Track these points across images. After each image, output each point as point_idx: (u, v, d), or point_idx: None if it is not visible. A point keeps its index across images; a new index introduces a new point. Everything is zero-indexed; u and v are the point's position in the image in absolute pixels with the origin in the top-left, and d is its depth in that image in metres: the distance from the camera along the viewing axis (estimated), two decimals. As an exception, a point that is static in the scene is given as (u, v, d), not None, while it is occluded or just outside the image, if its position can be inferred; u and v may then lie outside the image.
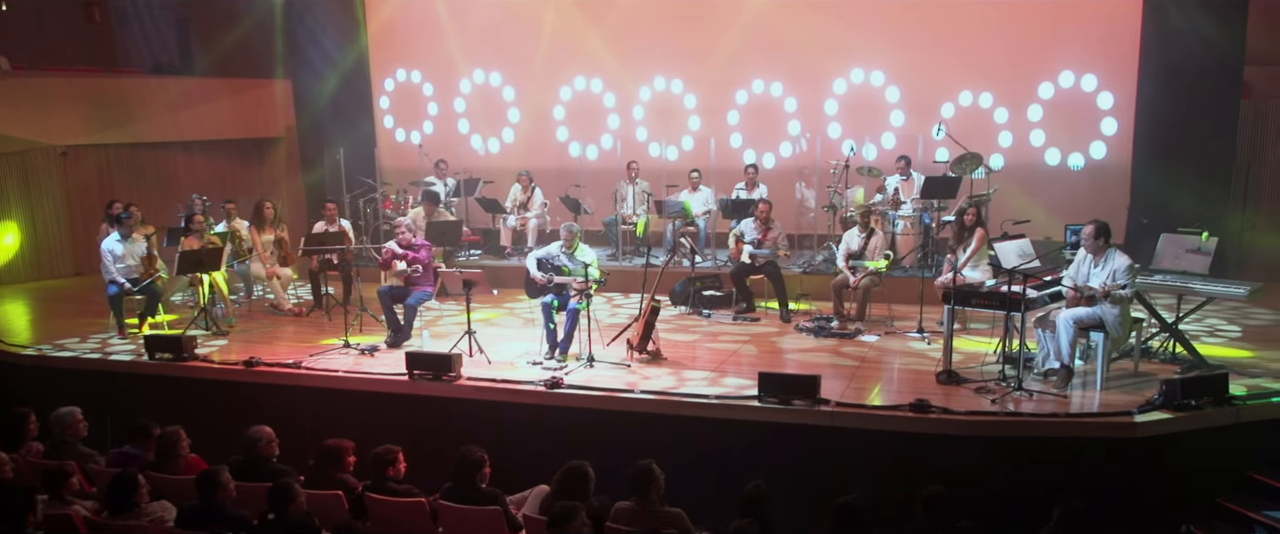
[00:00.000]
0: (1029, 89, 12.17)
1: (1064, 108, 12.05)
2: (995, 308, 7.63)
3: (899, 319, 9.75)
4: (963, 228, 9.34)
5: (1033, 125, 12.30)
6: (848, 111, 12.91)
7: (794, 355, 8.70)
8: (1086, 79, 11.99)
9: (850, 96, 12.88)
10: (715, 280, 10.84)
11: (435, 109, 14.88)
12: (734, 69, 13.16)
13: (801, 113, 13.12)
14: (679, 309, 10.65)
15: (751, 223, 10.51)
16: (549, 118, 14.18)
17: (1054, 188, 12.02)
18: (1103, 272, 7.42)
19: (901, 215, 11.32)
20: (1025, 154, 12.31)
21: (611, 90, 13.90)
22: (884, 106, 12.76)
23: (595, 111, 13.88)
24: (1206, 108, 11.25)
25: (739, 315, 10.20)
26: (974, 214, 9.32)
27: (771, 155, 13.38)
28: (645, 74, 13.63)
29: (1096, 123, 12.01)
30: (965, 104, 12.44)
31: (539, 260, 8.93)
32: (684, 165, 12.88)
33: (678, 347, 9.02)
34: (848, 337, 9.21)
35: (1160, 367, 7.88)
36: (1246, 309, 9.75)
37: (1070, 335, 7.41)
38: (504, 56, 14.23)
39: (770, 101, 13.22)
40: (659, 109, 13.64)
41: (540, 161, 13.91)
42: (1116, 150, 11.97)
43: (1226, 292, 7.73)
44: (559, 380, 7.88)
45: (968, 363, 8.00)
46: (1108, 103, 11.98)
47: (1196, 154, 11.21)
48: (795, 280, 10.90)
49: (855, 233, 9.87)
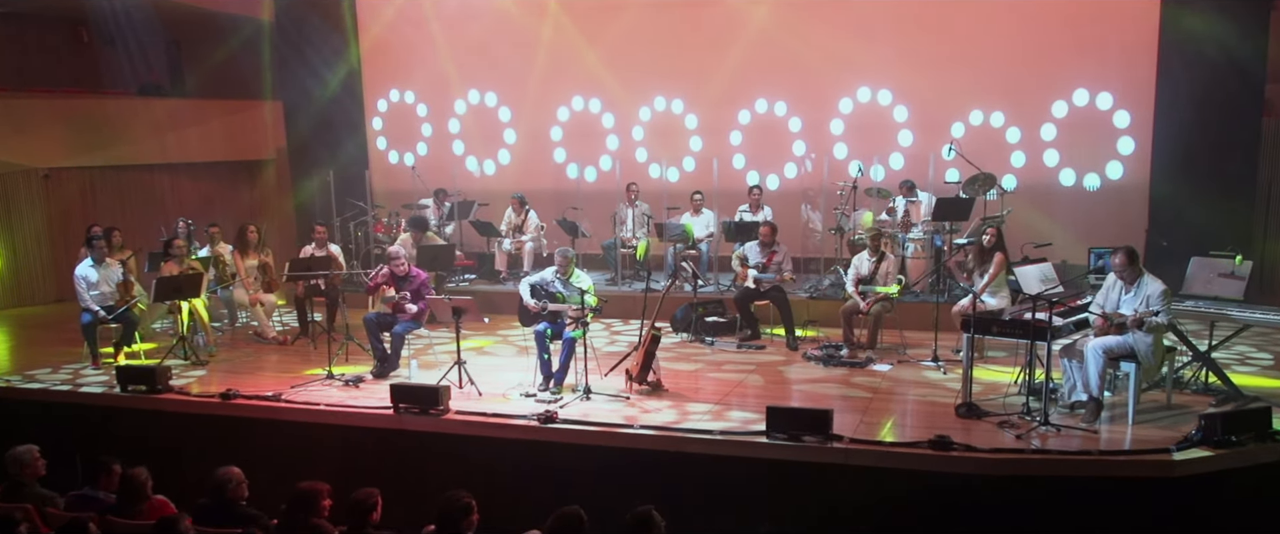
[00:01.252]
0: (1042, 107, 11.88)
1: (1079, 127, 11.76)
2: (1019, 337, 7.18)
3: (912, 347, 9.37)
4: (981, 251, 8.91)
5: (1046, 145, 12.00)
6: (854, 131, 12.62)
7: (802, 386, 8.30)
8: (1102, 97, 11.71)
9: (857, 116, 12.61)
10: (718, 306, 10.44)
11: (429, 130, 14.60)
12: (736, 88, 12.92)
13: (806, 133, 12.83)
14: (681, 336, 10.26)
15: (755, 246, 10.14)
16: (546, 138, 13.90)
17: (1070, 209, 11.67)
18: (1135, 298, 7.01)
19: (912, 238, 10.93)
20: (1039, 174, 12.01)
21: (610, 110, 13.62)
22: (892, 126, 12.48)
23: (594, 132, 13.59)
24: (1227, 126, 10.95)
25: (743, 343, 9.82)
26: (994, 235, 8.88)
27: (776, 177, 13.07)
28: (645, 93, 13.38)
29: (1113, 142, 11.72)
30: (976, 123, 12.13)
31: (532, 286, 8.49)
32: (685, 187, 12.61)
33: (679, 377, 8.63)
34: (858, 366, 8.81)
35: (1193, 398, 7.47)
36: (1275, 335, 9.40)
37: (1099, 366, 6.99)
38: (499, 76, 13.94)
39: (774, 121, 12.94)
40: (659, 129, 13.38)
41: (537, 183, 13.59)
42: (1134, 170, 11.68)
43: (1266, 319, 7.29)
44: (553, 414, 7.41)
45: (987, 395, 7.62)
46: (1124, 121, 11.69)
47: (1217, 174, 10.91)
48: (802, 306, 10.53)
49: (865, 256, 9.48)
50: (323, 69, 14.52)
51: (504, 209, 12.79)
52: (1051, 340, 6.98)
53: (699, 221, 11.97)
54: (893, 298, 9.23)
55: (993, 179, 10.80)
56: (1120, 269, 7.00)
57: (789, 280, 9.84)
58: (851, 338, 9.33)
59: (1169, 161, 11.26)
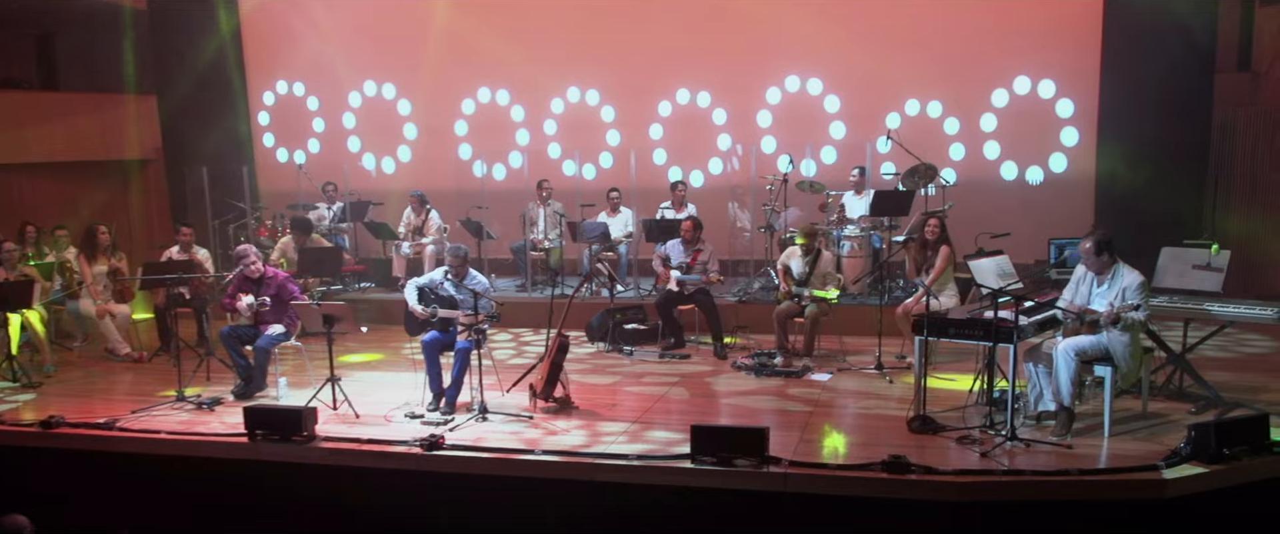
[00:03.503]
0: (981, 96, 11.38)
1: (1020, 117, 11.28)
2: (978, 339, 6.37)
3: (852, 353, 8.67)
4: (924, 245, 8.21)
5: (987, 136, 11.49)
6: (783, 123, 12.00)
7: (732, 400, 7.49)
8: (1044, 84, 11.22)
9: (785, 106, 11.99)
10: (638, 312, 9.69)
11: (321, 125, 13.51)
12: (656, 77, 12.23)
13: (732, 125, 12.19)
14: (596, 346, 9.45)
15: (677, 244, 9.31)
16: (449, 133, 12.99)
17: (1013, 205, 11.03)
18: (1110, 291, 6.25)
19: (847, 235, 10.18)
20: (979, 168, 11.46)
21: (520, 102, 12.81)
22: (823, 117, 11.89)
23: (501, 126, 12.77)
24: (1177, 115, 10.51)
25: (666, 352, 9.04)
26: (937, 227, 8.16)
27: (700, 173, 12.37)
28: (557, 84, 12.59)
29: (1056, 133, 11.24)
30: (912, 113, 11.56)
31: (420, 290, 7.38)
32: (602, 185, 11.81)
33: (593, 392, 7.78)
34: (794, 375, 8.06)
35: (1168, 405, 6.82)
36: (1238, 335, 8.88)
37: (1072, 370, 6.20)
38: (397, 66, 12.99)
39: (697, 113, 12.27)
40: (573, 122, 12.61)
41: (440, 182, 12.65)
42: (1078, 163, 11.19)
43: (1250, 314, 6.57)
44: (439, 439, 6.29)
45: (941, 406, 6.90)
46: (1067, 110, 11.20)
47: (1166, 167, 10.44)
48: (731, 311, 9.80)
49: (796, 252, 8.67)
50: (201, 60, 13.26)
51: (402, 209, 11.76)
52: (1016, 342, 6.15)
53: (617, 221, 11.29)
54: (831, 302, 8.47)
55: (934, 170, 10.11)
56: (1090, 258, 6.25)
57: (716, 281, 9.02)
58: (786, 343, 8.51)
59: (1115, 154, 10.80)
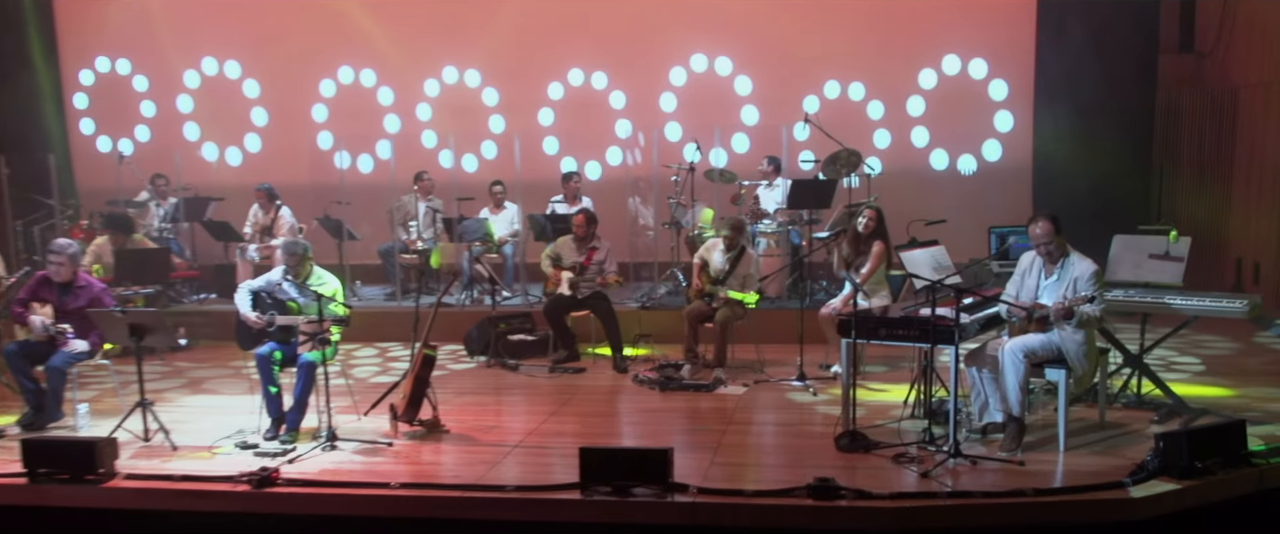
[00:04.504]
0: (907, 77, 11.45)
1: (950, 100, 11.38)
2: (913, 341, 6.07)
3: (771, 363, 8.39)
4: (857, 239, 7.90)
5: (914, 121, 11.57)
6: (689, 107, 11.90)
7: (634, 419, 7.18)
8: (975, 64, 11.35)
9: (691, 89, 11.92)
10: (524, 320, 9.34)
11: (151, 109, 12.91)
12: (545, 56, 12.04)
13: (632, 110, 12.06)
14: (475, 361, 9.03)
15: (569, 241, 8.92)
16: (306, 119, 12.55)
17: (944, 197, 10.92)
18: (1060, 283, 6.00)
19: (763, 232, 9.92)
20: (907, 157, 11.53)
21: (388, 83, 12.47)
22: (733, 100, 11.83)
23: (367, 111, 12.39)
24: (1118, 97, 10.68)
25: (557, 365, 8.69)
26: (873, 219, 7.84)
27: (597, 164, 12.23)
28: (432, 63, 12.32)
29: (989, 117, 11.38)
30: (832, 96, 11.60)
31: (254, 294, 6.66)
32: (484, 178, 11.51)
33: (468, 412, 7.30)
34: (705, 389, 7.75)
35: (1129, 414, 6.64)
36: (1194, 337, 8.85)
37: (1020, 374, 5.90)
38: (243, 40, 12.51)
39: (593, 96, 12.11)
40: (451, 107, 12.33)
41: (294, 175, 12.07)
42: (1014, 150, 11.36)
43: (1217, 308, 6.35)
44: (273, 473, 5.63)
45: (873, 419, 6.70)
46: (1001, 93, 11.35)
47: (1109, 151, 10.60)
48: (632, 318, 9.48)
49: (718, 247, 8.36)
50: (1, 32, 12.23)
51: (248, 207, 11.14)
52: (959, 343, 5.84)
53: (501, 219, 10.91)
54: (747, 305, 8.16)
55: (858, 156, 9.92)
56: (1048, 238, 5.97)
57: (614, 283, 8.64)
58: (696, 348, 8.24)
59: (1054, 140, 10.92)
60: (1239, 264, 10.58)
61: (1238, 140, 10.83)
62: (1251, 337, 8.99)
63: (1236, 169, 10.80)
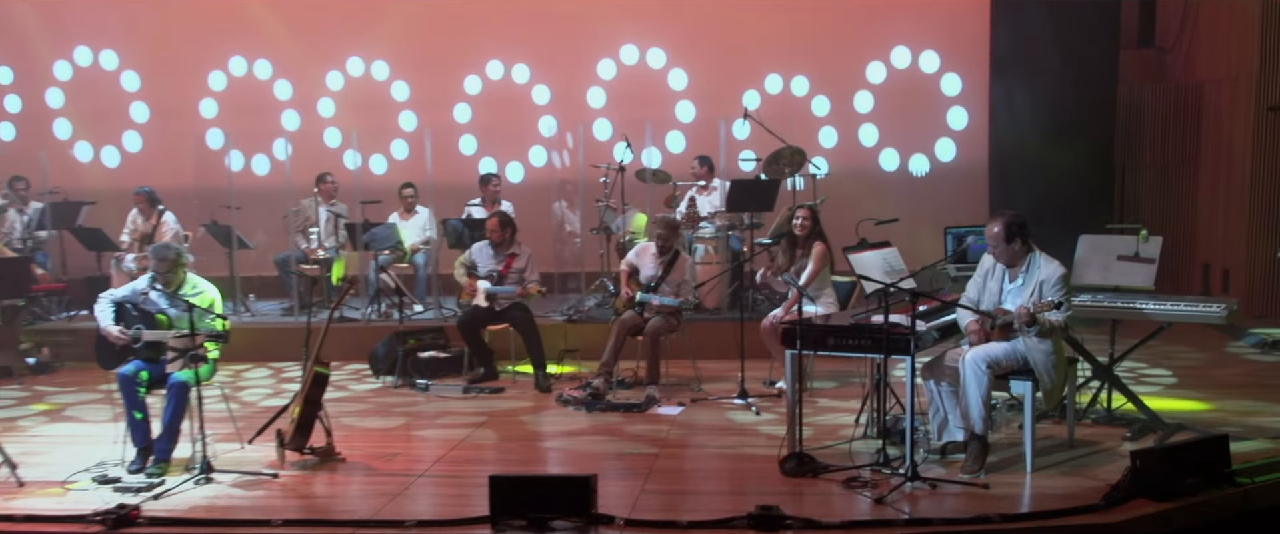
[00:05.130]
0: (854, 71, 11.55)
1: (900, 95, 11.48)
2: (865, 351, 5.97)
3: (709, 379, 8.32)
4: (793, 242, 7.89)
5: (862, 118, 11.67)
6: (620, 103, 11.86)
7: (556, 443, 7.02)
8: (926, 57, 11.46)
9: (622, 83, 11.92)
10: (436, 336, 9.12)
11: (16, 104, 12.62)
12: (461, 46, 11.95)
13: (558, 106, 12.01)
14: (381, 381, 8.80)
15: (485, 247, 8.72)
16: (193, 115, 12.33)
17: (894, 199, 10.74)
18: (1025, 288, 5.86)
19: (701, 237, 9.80)
20: (855, 156, 11.61)
21: (286, 76, 12.32)
22: (668, 95, 11.84)
23: (262, 106, 12.23)
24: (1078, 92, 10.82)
25: (472, 385, 8.51)
26: (808, 219, 7.83)
27: (519, 165, 12.20)
28: (335, 53, 12.16)
29: (942, 114, 11.49)
30: (774, 91, 11.67)
31: (117, 305, 6.26)
32: (393, 180, 11.32)
33: (368, 439, 7.06)
34: (636, 409, 7.61)
35: (1098, 430, 6.59)
36: (1163, 347, 8.82)
37: (983, 387, 5.74)
38: (120, 28, 12.25)
39: (514, 91, 12.06)
40: (356, 102, 12.18)
41: (179, 177, 11.71)
42: (969, 149, 11.47)
43: (1194, 313, 6.29)
44: (133, 511, 5.27)
45: (822, 439, 6.56)
46: (954, 87, 11.47)
47: (1069, 148, 10.63)
48: (557, 332, 9.37)
49: (649, 250, 8.26)
50: None
51: (126, 212, 10.82)
52: (915, 354, 5.73)
53: (412, 225, 10.68)
54: (681, 314, 8.11)
55: (802, 155, 9.88)
56: (1000, 245, 5.85)
57: (536, 294, 8.46)
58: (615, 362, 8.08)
59: (1010, 138, 10.97)
60: (1207, 270, 10.70)
61: (1203, 138, 10.99)
62: (1224, 347, 9.05)
63: (1202, 168, 10.95)
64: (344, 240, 10.51)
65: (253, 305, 10.67)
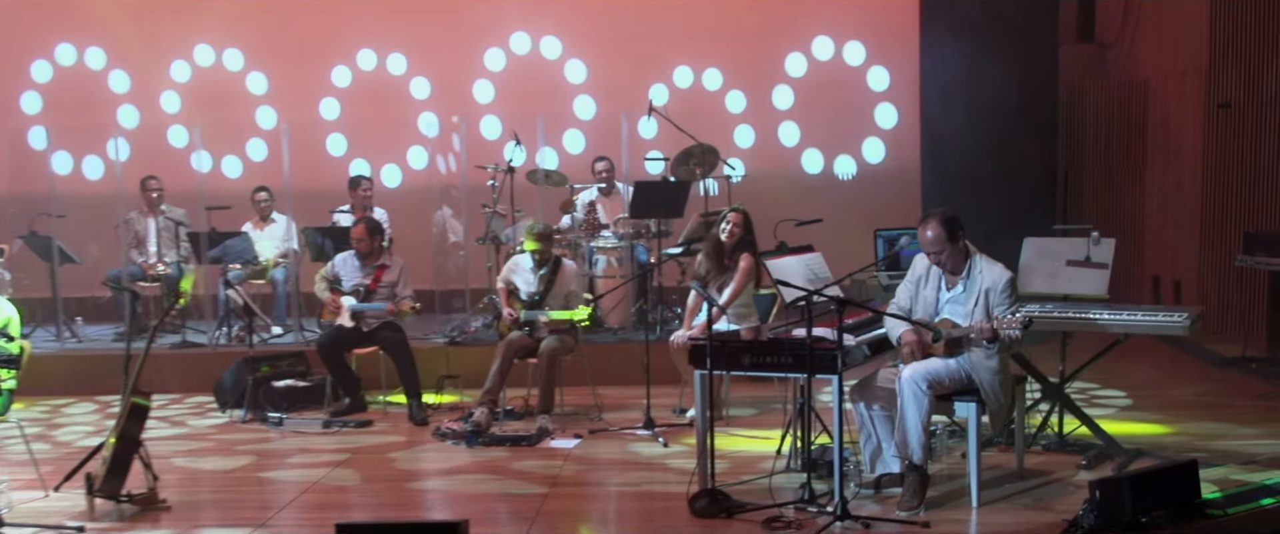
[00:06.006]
0: (772, 63, 11.57)
1: (823, 90, 11.50)
2: (786, 370, 5.82)
3: (611, 409, 8.25)
4: (719, 250, 7.61)
5: (782, 115, 11.66)
6: (510, 97, 11.74)
7: (430, 484, 6.89)
8: (851, 48, 11.50)
9: (510, 75, 11.86)
10: (295, 361, 8.92)
11: None
12: (327, 33, 11.83)
13: (439, 100, 11.85)
14: (230, 415, 8.53)
15: (350, 258, 8.51)
16: (12, 111, 12.08)
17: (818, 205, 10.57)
18: (967, 296, 5.71)
19: (601, 246, 9.72)
20: (774, 158, 11.61)
21: (123, 66, 12.03)
22: (565, 89, 11.81)
23: (95, 101, 11.97)
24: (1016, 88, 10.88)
25: (336, 417, 8.33)
26: (739, 225, 7.53)
27: (396, 167, 12.02)
28: (180, 40, 11.89)
29: (869, 111, 11.54)
30: (683, 85, 11.64)
31: None
32: (248, 183, 11.09)
33: (206, 482, 6.85)
34: (526, 442, 7.49)
35: (1049, 458, 6.56)
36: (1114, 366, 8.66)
37: (923, 410, 5.58)
38: None
39: (389, 83, 11.91)
40: (205, 96, 11.89)
41: None
42: (899, 149, 11.51)
43: (1153, 323, 6.24)
44: None
45: (739, 473, 6.48)
46: (882, 82, 11.53)
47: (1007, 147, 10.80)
48: (436, 356, 9.24)
49: (525, 263, 8.13)
50: None
51: None
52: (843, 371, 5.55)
53: (269, 235, 10.40)
54: (577, 328, 7.99)
55: (715, 153, 9.77)
56: (940, 245, 5.69)
57: (410, 312, 8.29)
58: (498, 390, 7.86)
59: (943, 138, 11.04)
60: (1156, 283, 10.77)
61: (1150, 138, 11.11)
62: (1179, 364, 9.13)
63: (1149, 171, 11.07)
64: (187, 253, 10.14)
65: (79, 329, 10.22)
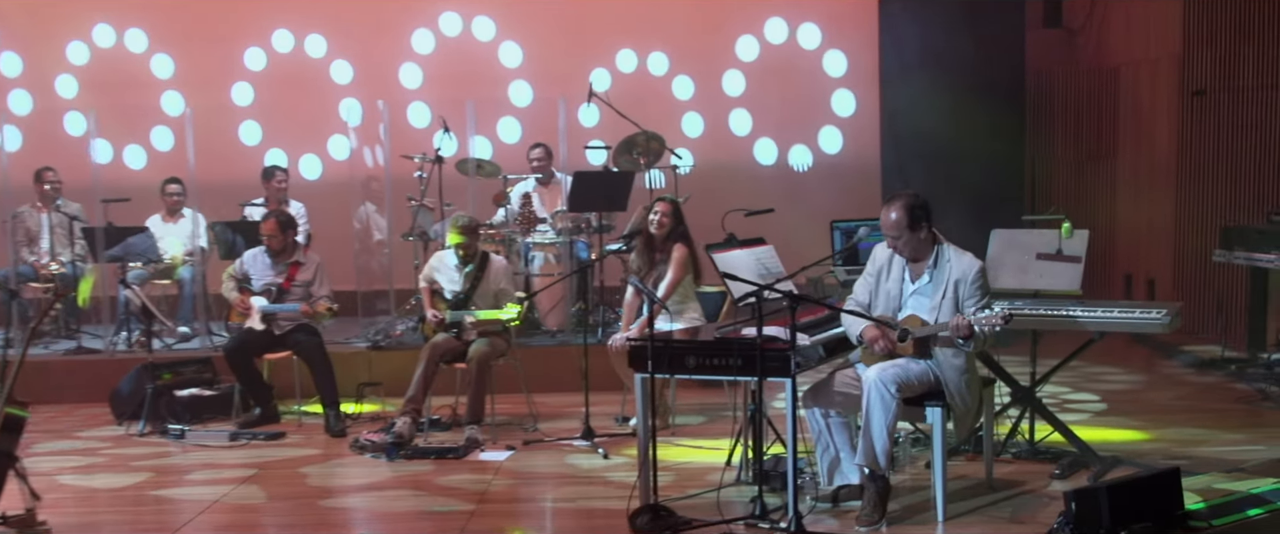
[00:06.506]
0: (722, 47, 11.62)
1: (777, 75, 11.57)
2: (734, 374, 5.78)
3: (548, 419, 8.22)
4: (650, 243, 7.63)
5: (732, 102, 11.72)
6: (440, 83, 11.75)
7: (344, 502, 6.77)
8: (806, 30, 11.55)
9: (442, 58, 11.83)
10: (200, 369, 8.86)
11: None
12: (240, 11, 11.74)
13: (362, 85, 11.73)
14: (127, 427, 8.38)
15: (260, 255, 8.41)
16: None
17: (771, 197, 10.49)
18: (935, 289, 5.59)
19: (538, 243, 9.73)
20: (725, 148, 11.65)
21: (13, 47, 11.87)
22: (499, 73, 11.77)
23: None
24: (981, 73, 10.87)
25: (244, 430, 8.20)
26: (668, 215, 7.58)
27: (315, 158, 11.94)
28: (78, 19, 11.73)
29: (825, 98, 11.60)
30: (627, 70, 11.67)
31: None
32: (155, 175, 10.99)
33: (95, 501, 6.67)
34: (453, 454, 7.40)
35: (1019, 467, 6.49)
36: (1087, 368, 9.03)
37: (890, 415, 5.46)
38: None
39: (307, 67, 11.83)
40: (105, 81, 11.73)
41: None
42: (858, 138, 11.58)
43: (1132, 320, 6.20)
44: None
45: (685, 487, 6.43)
46: (839, 67, 11.57)
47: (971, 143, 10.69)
48: (358, 361, 9.20)
49: (448, 259, 8.04)
50: None
51: None
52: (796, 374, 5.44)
53: (177, 231, 10.30)
54: (509, 329, 7.92)
55: (660, 141, 9.73)
56: (901, 234, 5.58)
57: (327, 313, 8.19)
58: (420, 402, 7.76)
59: (904, 126, 11.05)
60: (1129, 281, 10.82)
61: (1121, 128, 11.18)
62: (1155, 366, 9.17)
63: (1121, 161, 11.15)
64: (84, 251, 9.95)
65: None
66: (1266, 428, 7.27)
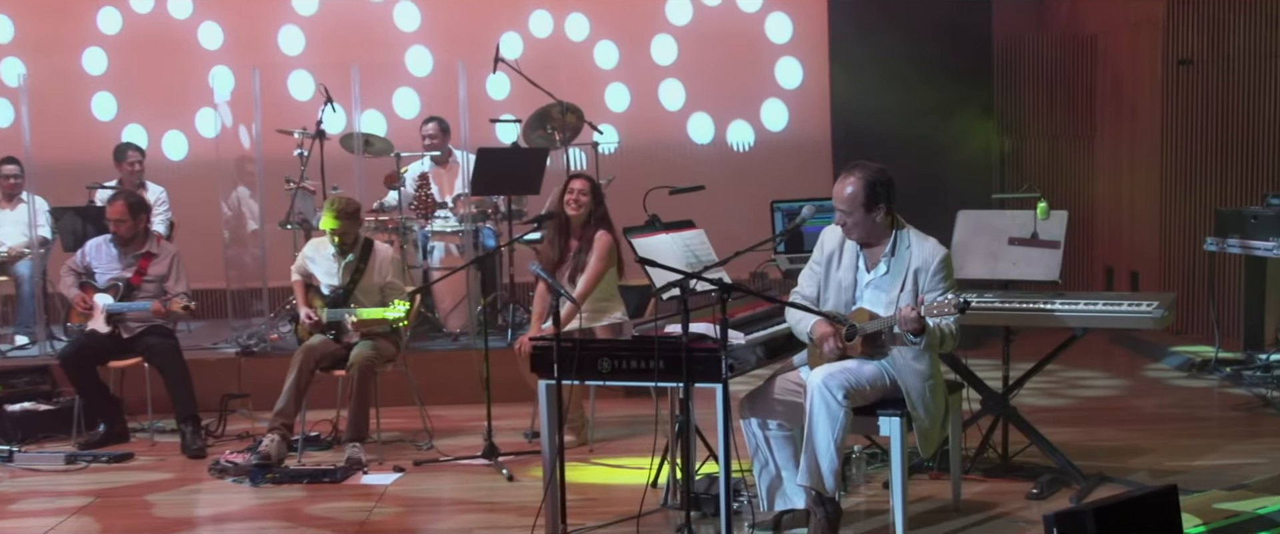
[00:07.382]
0: (650, 9, 11.69)
1: (713, 41, 11.64)
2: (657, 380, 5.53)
3: (444, 435, 8.08)
4: (565, 229, 7.50)
5: (663, 72, 11.77)
6: (322, 47, 11.74)
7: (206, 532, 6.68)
8: None
9: (323, 22, 11.82)
10: (36, 379, 8.75)
11: None
12: None
13: (234, 50, 11.72)
14: None
15: (106, 245, 8.18)
16: None
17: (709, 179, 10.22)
18: (892, 279, 5.36)
19: (438, 231, 9.58)
20: (655, 124, 11.71)
21: None
22: (394, 39, 11.80)
23: None
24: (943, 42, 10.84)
25: (85, 449, 7.99)
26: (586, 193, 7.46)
27: (180, 136, 11.89)
28: None
29: (769, 68, 11.68)
30: (541, 35, 11.71)
31: None
32: None
33: None
34: (329, 479, 7.22)
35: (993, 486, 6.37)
36: (1063, 372, 9.06)
37: (839, 426, 5.21)
38: None
39: (170, 29, 11.75)
40: None
41: None
42: (805, 114, 11.64)
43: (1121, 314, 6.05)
44: None
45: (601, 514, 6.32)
46: (784, 33, 11.64)
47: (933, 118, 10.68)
48: (226, 370, 9.08)
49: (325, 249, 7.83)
50: None
51: None
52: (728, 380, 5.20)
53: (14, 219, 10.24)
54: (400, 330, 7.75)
55: (578, 114, 9.66)
56: (854, 212, 5.36)
57: (183, 312, 7.98)
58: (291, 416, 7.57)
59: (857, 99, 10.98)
60: (1110, 273, 10.86)
61: (1099, 101, 11.23)
62: (1138, 370, 9.17)
63: (1100, 139, 11.22)
64: None
65: None
66: (1269, 439, 7.23)
